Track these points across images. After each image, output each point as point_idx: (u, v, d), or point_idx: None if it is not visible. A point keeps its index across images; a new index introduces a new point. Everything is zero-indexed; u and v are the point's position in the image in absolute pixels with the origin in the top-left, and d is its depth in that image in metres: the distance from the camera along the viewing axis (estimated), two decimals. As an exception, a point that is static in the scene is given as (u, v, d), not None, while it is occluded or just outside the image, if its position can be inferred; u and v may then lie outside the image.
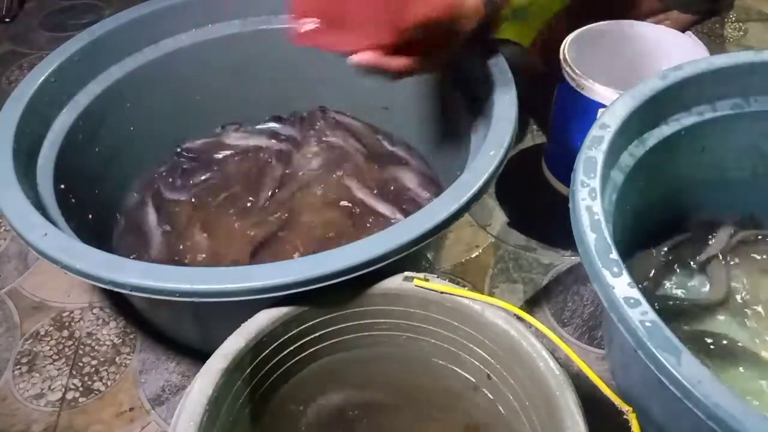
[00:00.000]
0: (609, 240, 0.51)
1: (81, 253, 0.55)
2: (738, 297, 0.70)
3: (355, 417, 0.60)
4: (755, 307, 0.69)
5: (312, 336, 0.58)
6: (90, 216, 0.74)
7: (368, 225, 0.79)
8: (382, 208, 0.80)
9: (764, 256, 0.72)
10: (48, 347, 0.76)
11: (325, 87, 0.91)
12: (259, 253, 0.76)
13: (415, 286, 0.56)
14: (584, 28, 0.83)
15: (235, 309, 0.53)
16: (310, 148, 0.89)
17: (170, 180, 0.86)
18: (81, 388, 0.73)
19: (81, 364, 0.75)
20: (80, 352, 0.76)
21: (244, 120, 0.93)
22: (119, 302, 0.80)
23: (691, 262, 0.73)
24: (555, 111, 0.85)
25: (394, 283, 0.56)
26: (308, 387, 0.60)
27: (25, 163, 0.66)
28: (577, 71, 0.76)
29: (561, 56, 0.79)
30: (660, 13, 0.92)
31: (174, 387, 0.72)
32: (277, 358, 0.56)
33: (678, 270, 0.73)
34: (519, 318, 0.53)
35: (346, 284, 0.53)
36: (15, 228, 0.57)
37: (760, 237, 0.74)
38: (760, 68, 0.66)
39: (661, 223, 0.73)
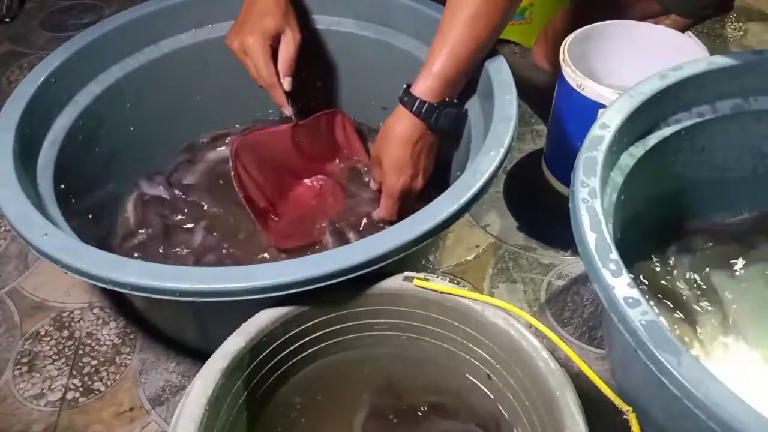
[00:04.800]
0: (609, 240, 0.50)
1: (81, 253, 0.55)
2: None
3: (355, 417, 0.60)
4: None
5: (312, 336, 0.58)
6: (90, 216, 0.74)
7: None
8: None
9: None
10: (48, 347, 0.76)
11: (325, 87, 0.91)
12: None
13: (415, 286, 0.56)
14: (584, 28, 0.83)
15: (235, 309, 0.53)
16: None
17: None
18: (81, 388, 0.73)
19: (81, 364, 0.75)
20: (80, 352, 0.76)
21: (245, 119, 0.93)
22: (119, 302, 0.80)
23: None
24: (555, 111, 0.85)
25: (394, 283, 0.56)
26: (308, 387, 0.60)
27: (25, 163, 0.66)
28: (577, 71, 0.76)
29: (561, 56, 0.79)
30: (659, 15, 0.92)
31: (174, 387, 0.72)
32: (277, 358, 0.56)
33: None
34: (519, 318, 0.53)
35: (346, 284, 0.53)
36: (15, 228, 0.57)
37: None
38: (760, 68, 0.66)
39: (661, 222, 0.73)
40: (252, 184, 0.80)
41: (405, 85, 0.68)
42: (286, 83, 0.75)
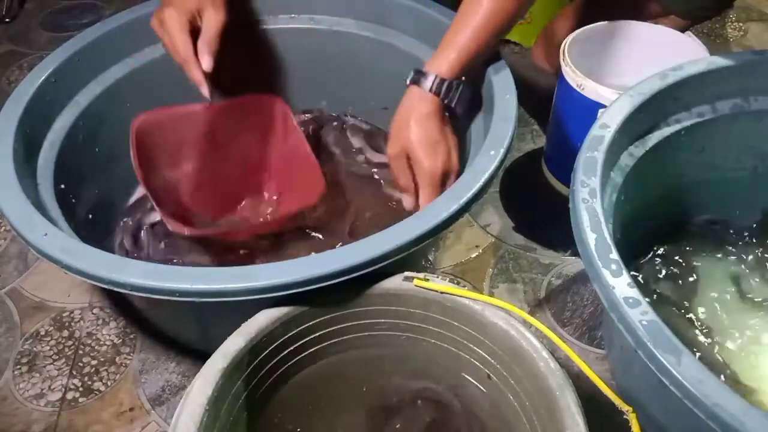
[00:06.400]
0: (609, 240, 0.51)
1: (81, 253, 0.55)
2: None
3: (355, 417, 0.60)
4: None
5: (312, 336, 0.58)
6: (90, 216, 0.74)
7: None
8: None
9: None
10: (48, 347, 0.76)
11: (325, 87, 0.91)
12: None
13: (415, 286, 0.56)
14: (584, 28, 0.83)
15: (235, 309, 0.53)
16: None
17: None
18: (81, 388, 0.73)
19: (81, 364, 0.75)
20: (80, 352, 0.76)
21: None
22: (119, 302, 0.80)
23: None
24: (555, 111, 0.85)
25: (394, 283, 0.56)
26: (308, 387, 0.60)
27: (25, 163, 0.66)
28: (577, 71, 0.76)
29: (561, 56, 0.79)
30: (659, 15, 0.92)
31: (174, 387, 0.72)
32: (276, 358, 0.56)
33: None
34: (519, 318, 0.53)
35: (346, 284, 0.53)
36: (15, 228, 0.57)
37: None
38: (760, 68, 0.66)
39: (661, 222, 0.73)
40: (155, 166, 0.75)
41: (413, 71, 0.68)
42: (206, 63, 0.71)
